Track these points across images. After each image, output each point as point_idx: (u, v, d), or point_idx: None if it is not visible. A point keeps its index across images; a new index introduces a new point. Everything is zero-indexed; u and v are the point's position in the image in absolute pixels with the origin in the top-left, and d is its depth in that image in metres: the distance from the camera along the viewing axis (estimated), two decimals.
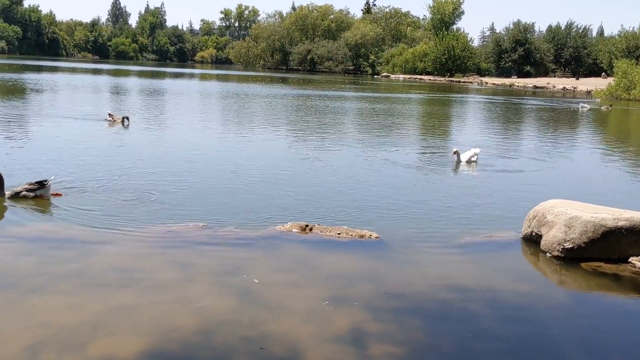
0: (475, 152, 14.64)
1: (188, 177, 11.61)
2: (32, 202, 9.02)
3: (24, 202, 9.02)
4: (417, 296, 6.41)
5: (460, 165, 14.35)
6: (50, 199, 9.28)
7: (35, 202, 9.03)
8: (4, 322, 5.29)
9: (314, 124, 24.26)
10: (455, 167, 14.22)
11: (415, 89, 65.95)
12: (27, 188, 9.24)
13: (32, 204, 8.95)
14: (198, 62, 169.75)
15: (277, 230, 8.24)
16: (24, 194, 9.19)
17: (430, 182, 12.97)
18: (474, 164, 14.45)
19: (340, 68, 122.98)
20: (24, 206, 8.87)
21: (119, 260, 6.93)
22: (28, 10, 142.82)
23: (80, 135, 17.02)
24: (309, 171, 13.06)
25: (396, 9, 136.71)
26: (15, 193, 9.23)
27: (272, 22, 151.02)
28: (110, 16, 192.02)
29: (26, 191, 9.21)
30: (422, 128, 26.51)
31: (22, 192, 9.22)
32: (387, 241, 8.07)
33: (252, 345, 5.10)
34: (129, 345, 4.98)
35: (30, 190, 9.20)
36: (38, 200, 9.15)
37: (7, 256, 6.84)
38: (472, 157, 14.49)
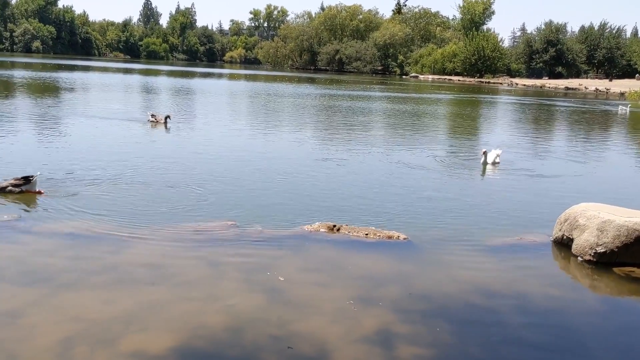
0: (497, 153, 14.50)
1: (217, 175, 11.72)
2: (66, 200, 9.21)
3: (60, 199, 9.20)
4: (446, 298, 6.37)
5: (487, 166, 14.23)
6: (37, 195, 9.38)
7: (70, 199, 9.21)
8: (38, 316, 5.41)
9: (342, 124, 24.25)
10: (483, 168, 14.10)
11: (444, 90, 65.45)
12: (12, 183, 9.39)
13: (68, 201, 9.14)
14: (227, 62, 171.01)
15: (304, 230, 8.27)
16: (9, 189, 9.35)
17: (458, 183, 12.87)
18: (497, 165, 14.33)
19: (368, 68, 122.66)
20: (57, 203, 9.05)
21: (150, 257, 7.03)
22: (62, 11, 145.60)
23: (118, 135, 17.29)
24: (337, 171, 13.07)
25: (426, 9, 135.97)
26: (1, 188, 9.39)
27: (301, 22, 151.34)
28: (142, 16, 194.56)
29: (12, 186, 9.37)
30: (450, 129, 26.30)
31: (8, 187, 9.37)
32: (415, 242, 8.04)
33: (280, 344, 5.13)
34: (160, 341, 5.05)
35: (15, 186, 9.36)
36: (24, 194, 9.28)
37: (41, 252, 6.99)
38: (496, 159, 14.37)
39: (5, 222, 7.87)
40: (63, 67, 68.00)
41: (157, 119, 19.36)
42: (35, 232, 7.60)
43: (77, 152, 13.48)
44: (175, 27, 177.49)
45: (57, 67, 66.75)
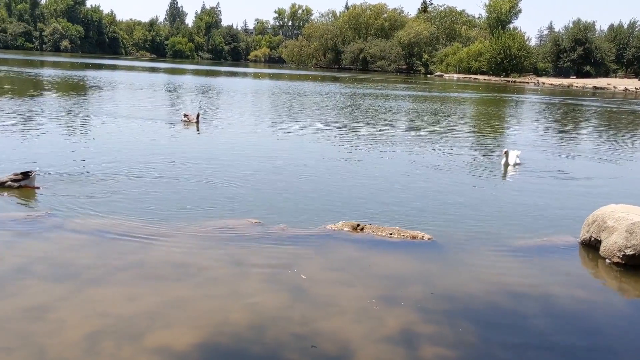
0: (517, 154, 14.24)
1: (242, 174, 11.79)
2: (94, 197, 9.35)
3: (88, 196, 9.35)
4: (470, 299, 6.32)
5: (508, 167, 13.96)
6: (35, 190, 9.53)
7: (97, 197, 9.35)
8: (65, 311, 5.50)
9: (365, 122, 24.20)
10: (504, 169, 13.86)
11: (469, 89, 64.89)
12: (12, 178, 9.54)
13: (96, 198, 9.29)
14: (251, 61, 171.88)
15: (328, 229, 8.28)
16: (8, 184, 9.50)
17: (482, 183, 12.75)
18: (518, 166, 14.06)
19: (392, 67, 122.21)
20: (85, 200, 9.19)
21: (175, 254, 7.10)
22: (90, 10, 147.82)
23: (148, 134, 17.49)
24: (360, 170, 13.04)
25: (451, 7, 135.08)
26: (1, 183, 9.54)
27: (325, 21, 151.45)
28: (168, 16, 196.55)
29: (11, 181, 9.52)
30: (474, 128, 26.06)
31: (7, 182, 9.52)
32: (439, 243, 7.99)
33: (304, 342, 5.14)
34: (184, 337, 5.10)
35: (15, 181, 9.51)
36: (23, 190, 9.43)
37: (69, 248, 7.10)
38: (516, 160, 14.11)
39: (34, 218, 8.02)
40: (91, 66, 69.00)
41: (189, 119, 19.39)
42: (63, 228, 7.73)
43: (105, 150, 13.66)
44: (201, 27, 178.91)
45: (85, 66, 67.74)
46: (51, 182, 10.18)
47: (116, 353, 4.78)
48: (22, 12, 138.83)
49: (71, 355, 4.72)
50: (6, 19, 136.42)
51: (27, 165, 11.26)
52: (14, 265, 6.46)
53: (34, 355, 4.69)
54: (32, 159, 11.99)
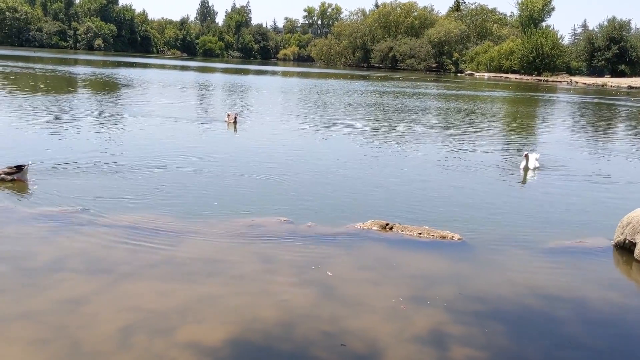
0: (536, 158, 13.64)
1: (271, 172, 11.86)
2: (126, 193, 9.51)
3: (120, 192, 9.52)
4: (501, 300, 6.26)
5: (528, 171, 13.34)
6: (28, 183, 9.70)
7: (129, 193, 9.51)
8: (99, 305, 5.61)
9: (395, 121, 24.11)
10: (523, 173, 13.28)
11: (500, 88, 64.10)
12: (6, 171, 9.69)
13: (128, 194, 9.45)
14: (280, 60, 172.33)
15: (357, 228, 8.27)
16: (2, 177, 9.65)
17: (512, 184, 12.60)
18: (537, 169, 13.46)
19: (422, 66, 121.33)
20: (117, 196, 9.36)
21: (205, 250, 7.18)
22: (122, 10, 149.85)
23: (182, 132, 17.71)
24: (388, 170, 13.00)
25: (482, 5, 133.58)
26: None
27: (355, 19, 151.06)
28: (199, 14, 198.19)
29: (5, 174, 9.66)
30: (504, 127, 25.74)
31: (1, 175, 9.66)
32: (469, 243, 7.93)
33: (332, 340, 5.15)
34: (215, 332, 5.16)
35: (8, 174, 9.66)
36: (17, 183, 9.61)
37: (102, 243, 7.23)
38: (535, 164, 13.50)
39: (68, 214, 8.18)
40: (123, 64, 70.01)
41: (229, 119, 19.33)
42: (97, 224, 7.87)
43: (139, 148, 13.88)
44: (231, 25, 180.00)
45: (117, 64, 68.76)
46: (85, 178, 10.39)
47: (148, 347, 4.86)
48: (57, 11, 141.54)
49: (105, 348, 4.81)
50: (42, 18, 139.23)
51: (63, 159, 11.52)
52: (49, 260, 6.61)
53: (69, 347, 4.80)
54: (64, 154, 12.24)
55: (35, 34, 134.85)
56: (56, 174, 10.65)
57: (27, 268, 6.34)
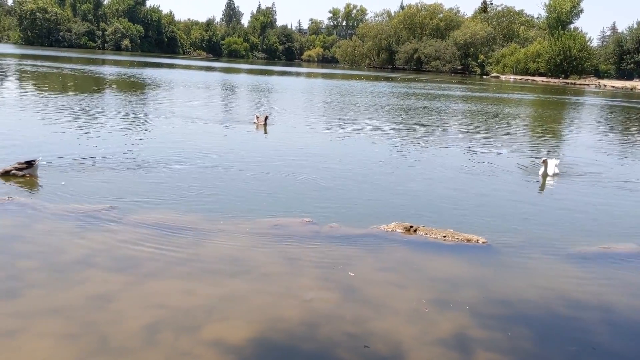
0: (555, 164, 13.22)
1: (295, 173, 11.92)
2: (152, 192, 9.64)
3: (147, 191, 9.65)
4: (526, 305, 6.20)
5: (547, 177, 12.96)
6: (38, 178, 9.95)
7: (155, 192, 9.63)
8: (126, 301, 5.69)
9: (419, 123, 24.01)
10: (542, 179, 12.90)
11: (526, 91, 63.40)
12: (16, 167, 9.88)
13: (154, 193, 9.58)
14: (305, 61, 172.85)
15: (380, 230, 8.27)
16: (13, 173, 9.85)
17: (538, 188, 12.46)
18: (557, 176, 13.06)
19: (447, 68, 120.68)
20: (143, 195, 9.49)
21: (230, 249, 7.24)
22: (150, 11, 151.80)
23: (209, 134, 17.89)
24: (412, 172, 12.97)
25: (509, 7, 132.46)
26: (5, 171, 9.91)
27: (380, 21, 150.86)
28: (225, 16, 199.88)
29: (16, 170, 9.86)
30: (529, 131, 25.46)
31: (12, 170, 9.87)
32: (495, 247, 7.87)
33: (356, 341, 5.16)
34: (239, 331, 5.21)
35: (19, 169, 9.85)
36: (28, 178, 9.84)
37: (129, 241, 7.34)
38: (554, 170, 13.12)
39: (96, 211, 8.32)
40: (150, 65, 70.83)
41: (258, 121, 19.26)
42: (124, 221, 7.98)
43: (167, 148, 14.00)
44: (256, 27, 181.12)
45: (145, 65, 69.59)
46: (112, 175, 10.56)
47: (174, 344, 4.92)
48: (86, 12, 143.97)
49: (132, 344, 4.89)
50: (71, 18, 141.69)
51: (92, 157, 11.72)
52: (78, 256, 6.73)
53: (97, 342, 4.88)
54: (92, 151, 12.44)
55: (65, 35, 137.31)
56: (84, 171, 10.85)
57: (57, 264, 6.46)
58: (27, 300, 5.56)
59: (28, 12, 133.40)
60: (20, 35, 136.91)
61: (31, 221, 7.77)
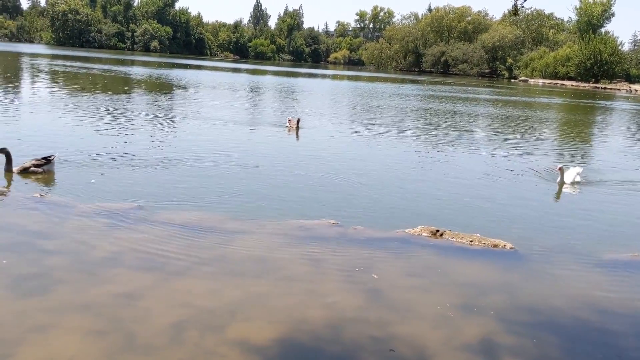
0: (577, 172, 12.84)
1: (321, 176, 11.96)
2: (179, 192, 9.73)
3: (174, 191, 9.75)
4: (554, 312, 6.11)
5: (564, 186, 12.50)
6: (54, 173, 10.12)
7: (182, 192, 9.73)
8: (153, 300, 5.76)
9: (446, 127, 23.85)
10: (559, 187, 12.47)
11: (555, 95, 62.53)
12: (34, 164, 9.97)
13: (181, 193, 9.68)
14: (331, 63, 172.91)
15: (406, 233, 8.22)
16: (32, 170, 9.95)
17: (566, 194, 12.26)
18: (577, 185, 12.63)
19: (475, 71, 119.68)
20: (171, 194, 9.59)
21: (255, 250, 7.27)
22: (179, 12, 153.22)
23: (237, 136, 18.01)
24: (438, 176, 12.88)
25: (539, 10, 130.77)
26: (24, 169, 10.01)
27: (407, 23, 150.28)
28: (252, 18, 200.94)
29: (34, 167, 9.96)
30: (557, 136, 25.10)
31: (31, 167, 9.97)
32: (522, 252, 7.77)
33: (381, 345, 5.14)
34: (264, 331, 5.22)
35: (37, 166, 9.95)
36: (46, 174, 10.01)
37: (156, 240, 7.42)
38: (575, 178, 12.74)
39: (125, 210, 8.43)
40: (179, 66, 71.56)
41: (290, 124, 19.18)
42: (151, 220, 8.08)
43: (195, 149, 14.14)
44: (283, 29, 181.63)
45: (173, 66, 70.33)
46: (141, 175, 10.70)
47: (200, 343, 4.96)
48: (117, 14, 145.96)
49: (158, 342, 4.94)
50: (102, 20, 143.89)
51: (121, 156, 11.89)
52: (106, 254, 6.82)
53: (124, 339, 4.94)
54: (121, 150, 12.62)
55: (95, 36, 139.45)
56: (113, 169, 11.01)
57: (86, 261, 6.56)
58: (56, 296, 5.66)
59: (60, 13, 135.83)
60: (52, 36, 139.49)
61: (61, 219, 7.91)
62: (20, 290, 5.71)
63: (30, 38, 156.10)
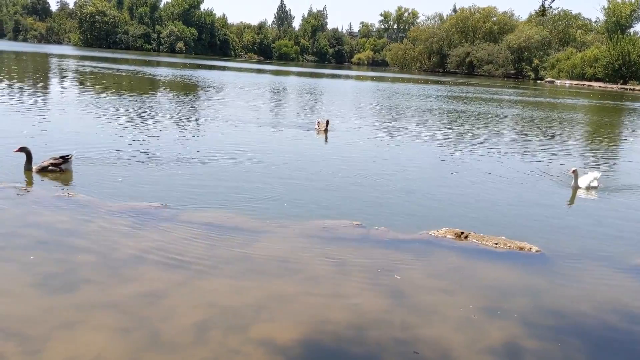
0: (595, 177, 12.45)
1: (345, 177, 11.95)
2: (203, 191, 9.81)
3: (199, 191, 9.83)
4: (580, 317, 6.02)
5: (578, 190, 12.14)
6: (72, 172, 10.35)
7: (206, 192, 9.80)
8: (177, 298, 5.81)
9: (470, 128, 23.64)
10: (573, 191, 12.17)
11: (582, 96, 61.62)
12: (52, 162, 10.18)
13: (204, 193, 9.76)
14: (354, 64, 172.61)
15: (430, 235, 8.18)
16: (51, 169, 10.17)
17: (592, 198, 12.07)
18: (593, 190, 12.21)
19: (500, 72, 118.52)
20: (196, 195, 9.67)
21: (279, 250, 7.29)
22: (204, 14, 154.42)
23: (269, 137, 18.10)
24: (462, 178, 12.77)
25: (566, 10, 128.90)
26: (42, 167, 10.21)
27: (432, 24, 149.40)
28: (276, 19, 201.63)
29: (52, 165, 10.17)
30: (584, 137, 24.72)
31: (49, 166, 10.18)
32: (548, 256, 7.67)
33: (404, 347, 5.11)
34: (287, 331, 5.24)
35: (55, 165, 10.17)
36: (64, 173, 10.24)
37: (181, 239, 7.48)
38: (592, 183, 12.33)
39: (151, 209, 8.52)
40: (203, 67, 72.13)
41: (319, 127, 19.06)
42: (176, 220, 8.15)
43: (223, 150, 14.24)
44: (307, 30, 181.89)
45: (198, 67, 70.91)
46: (166, 174, 10.81)
47: (223, 342, 4.99)
48: (143, 15, 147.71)
49: (182, 340, 4.98)
50: (128, 21, 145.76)
51: (147, 155, 12.02)
52: (132, 253, 6.90)
53: (149, 337, 5.00)
54: (148, 150, 12.77)
55: (122, 37, 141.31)
56: (139, 168, 11.15)
57: (112, 260, 6.65)
58: (83, 293, 5.74)
59: (88, 14, 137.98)
60: (80, 37, 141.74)
61: (89, 218, 8.02)
62: (48, 288, 5.81)
63: (59, 39, 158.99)
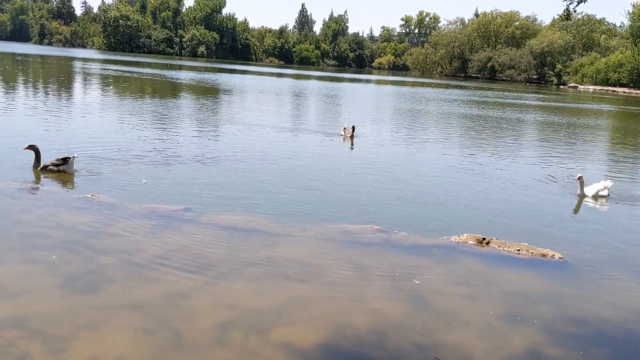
0: (606, 186, 12.01)
1: (366, 181, 11.95)
2: (226, 194, 9.87)
3: (222, 193, 9.90)
4: (604, 325, 5.94)
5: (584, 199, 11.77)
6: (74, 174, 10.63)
7: (230, 194, 9.86)
8: (199, 300, 5.85)
9: (492, 134, 23.48)
10: (578, 199, 11.82)
11: (606, 102, 60.83)
12: (54, 163, 10.61)
13: (228, 195, 9.82)
14: (375, 68, 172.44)
15: (451, 241, 8.14)
16: (50, 168, 10.58)
17: (616, 206, 11.90)
18: (602, 200, 11.81)
19: (522, 77, 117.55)
20: (218, 197, 9.74)
21: (300, 254, 7.31)
22: (225, 18, 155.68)
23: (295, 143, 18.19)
24: (485, 184, 12.69)
25: (590, 15, 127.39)
26: (44, 167, 10.64)
27: (453, 28, 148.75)
28: (297, 23, 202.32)
29: (53, 165, 10.59)
30: (608, 143, 24.38)
31: (50, 166, 10.60)
32: (571, 263, 7.59)
33: (425, 353, 5.10)
34: (307, 335, 5.25)
35: (55, 165, 10.57)
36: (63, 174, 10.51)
37: (203, 241, 7.54)
38: (601, 191, 11.95)
39: (173, 212, 8.60)
40: (225, 71, 72.62)
41: (345, 132, 18.92)
42: (198, 222, 8.22)
43: (246, 155, 14.32)
44: (328, 34, 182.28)
45: (219, 71, 71.42)
46: (189, 177, 10.92)
47: (244, 344, 5.02)
48: (166, 20, 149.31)
49: (204, 342, 5.02)
50: (151, 25, 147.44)
51: (170, 158, 12.14)
52: (155, 255, 6.97)
53: (171, 338, 5.04)
54: (171, 152, 12.90)
55: (145, 41, 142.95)
56: (162, 170, 11.27)
57: (135, 261, 6.72)
58: (107, 294, 5.82)
59: (112, 19, 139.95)
60: (103, 41, 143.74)
61: (112, 219, 8.12)
62: (73, 288, 5.89)
63: (83, 43, 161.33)
